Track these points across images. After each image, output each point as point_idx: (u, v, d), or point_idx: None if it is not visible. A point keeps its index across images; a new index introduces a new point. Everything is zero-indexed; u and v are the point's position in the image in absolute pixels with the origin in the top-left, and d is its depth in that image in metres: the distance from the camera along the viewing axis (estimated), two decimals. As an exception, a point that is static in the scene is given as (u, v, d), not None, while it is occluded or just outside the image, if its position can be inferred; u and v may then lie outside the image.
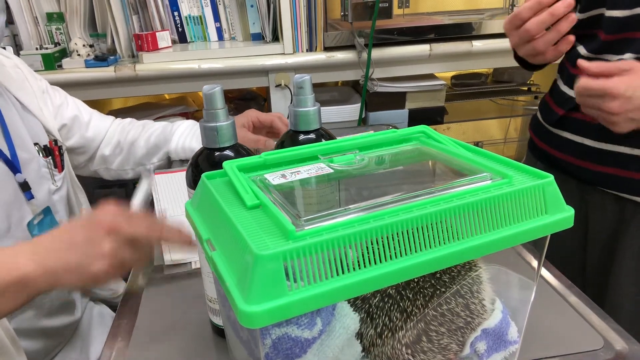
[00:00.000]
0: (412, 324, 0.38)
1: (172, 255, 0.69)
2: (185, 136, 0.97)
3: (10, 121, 0.77)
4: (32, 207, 0.76)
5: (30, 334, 0.75)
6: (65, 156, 0.89)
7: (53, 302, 0.79)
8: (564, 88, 0.84)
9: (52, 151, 0.84)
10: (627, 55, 0.70)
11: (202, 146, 0.49)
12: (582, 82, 0.65)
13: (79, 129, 0.94)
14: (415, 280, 0.38)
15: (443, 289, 0.39)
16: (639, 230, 0.77)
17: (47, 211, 0.79)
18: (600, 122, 0.68)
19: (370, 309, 0.37)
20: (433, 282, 0.39)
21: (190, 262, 0.68)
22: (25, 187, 0.76)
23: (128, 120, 1.03)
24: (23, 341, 0.71)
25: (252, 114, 0.97)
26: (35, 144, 0.81)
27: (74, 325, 0.84)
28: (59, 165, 0.85)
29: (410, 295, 0.38)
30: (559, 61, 0.87)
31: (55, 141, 0.86)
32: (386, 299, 0.37)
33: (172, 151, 0.98)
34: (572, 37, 0.68)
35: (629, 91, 0.62)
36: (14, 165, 0.75)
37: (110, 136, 0.99)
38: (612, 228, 0.81)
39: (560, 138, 0.84)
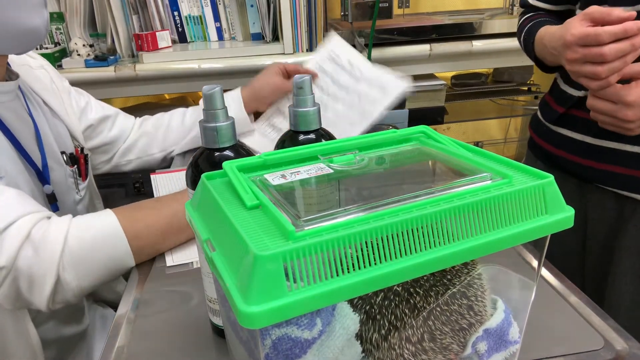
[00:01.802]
0: (420, 321, 0.38)
1: (174, 257, 0.69)
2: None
3: (41, 128, 0.76)
4: None
5: (49, 343, 0.76)
6: (89, 163, 0.88)
7: (69, 309, 0.79)
8: (564, 87, 0.84)
9: (78, 160, 0.83)
10: None
11: (202, 146, 0.49)
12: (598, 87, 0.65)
13: (103, 129, 0.94)
14: (425, 277, 0.38)
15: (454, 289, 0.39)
16: (638, 228, 0.77)
17: None
18: (612, 129, 0.69)
19: (373, 309, 0.37)
20: (445, 281, 0.39)
21: (192, 262, 0.68)
22: (52, 199, 0.75)
23: (147, 116, 1.04)
24: (44, 351, 0.72)
25: (279, 65, 1.01)
26: (62, 152, 0.80)
27: (83, 333, 0.84)
28: (83, 174, 0.84)
29: (421, 292, 0.38)
30: None
31: (82, 149, 0.85)
32: (392, 297, 0.37)
33: None
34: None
35: None
36: (43, 177, 0.74)
37: (134, 133, 0.99)
38: (611, 226, 0.81)
39: (560, 136, 0.84)
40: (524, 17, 0.89)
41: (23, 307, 0.65)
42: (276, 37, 1.40)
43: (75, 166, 0.82)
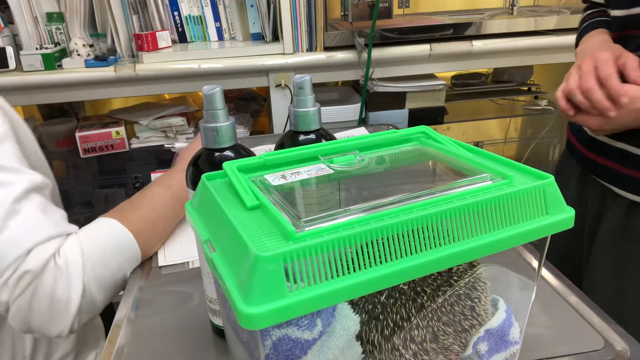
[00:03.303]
0: (425, 321, 0.38)
1: (166, 257, 0.69)
2: None
3: None
4: None
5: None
6: None
7: None
8: None
9: None
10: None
11: (202, 146, 0.49)
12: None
13: None
14: (433, 276, 0.38)
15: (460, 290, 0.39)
16: (615, 217, 0.78)
17: None
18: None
19: (376, 308, 0.37)
20: (452, 281, 0.39)
21: (187, 262, 0.68)
22: None
23: None
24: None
25: None
26: None
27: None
28: None
29: (428, 291, 0.38)
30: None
31: None
32: (397, 295, 0.37)
33: None
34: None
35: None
36: None
37: None
38: (595, 215, 0.83)
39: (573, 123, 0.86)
40: (585, 13, 0.89)
41: (29, 332, 0.63)
42: (276, 37, 1.40)
43: None
